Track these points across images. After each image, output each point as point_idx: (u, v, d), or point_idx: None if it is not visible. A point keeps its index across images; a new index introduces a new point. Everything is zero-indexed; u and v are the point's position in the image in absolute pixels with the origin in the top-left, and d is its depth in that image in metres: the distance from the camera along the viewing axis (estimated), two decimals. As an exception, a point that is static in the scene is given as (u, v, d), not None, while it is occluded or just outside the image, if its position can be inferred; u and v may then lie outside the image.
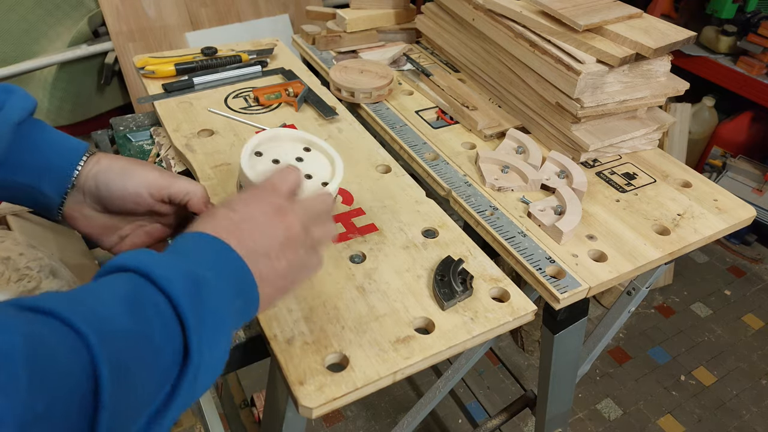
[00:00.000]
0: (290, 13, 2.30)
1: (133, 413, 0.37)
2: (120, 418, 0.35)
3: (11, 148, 0.57)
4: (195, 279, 0.42)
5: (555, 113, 0.89)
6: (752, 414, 1.75)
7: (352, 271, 0.65)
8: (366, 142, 0.88)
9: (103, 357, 0.34)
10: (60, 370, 0.32)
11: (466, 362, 0.95)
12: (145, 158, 0.88)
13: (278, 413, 0.65)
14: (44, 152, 0.59)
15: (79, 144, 0.61)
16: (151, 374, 0.38)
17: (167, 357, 0.39)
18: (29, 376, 0.30)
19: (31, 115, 0.60)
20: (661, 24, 0.90)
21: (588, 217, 0.79)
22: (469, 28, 1.04)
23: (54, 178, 0.59)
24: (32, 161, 0.58)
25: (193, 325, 0.40)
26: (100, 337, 0.35)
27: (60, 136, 0.61)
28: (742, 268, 2.27)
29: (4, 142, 0.56)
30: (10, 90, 0.57)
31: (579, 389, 1.78)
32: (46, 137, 0.60)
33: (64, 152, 0.60)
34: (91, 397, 0.33)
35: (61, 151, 0.60)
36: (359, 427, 1.65)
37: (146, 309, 0.39)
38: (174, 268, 0.42)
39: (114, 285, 0.40)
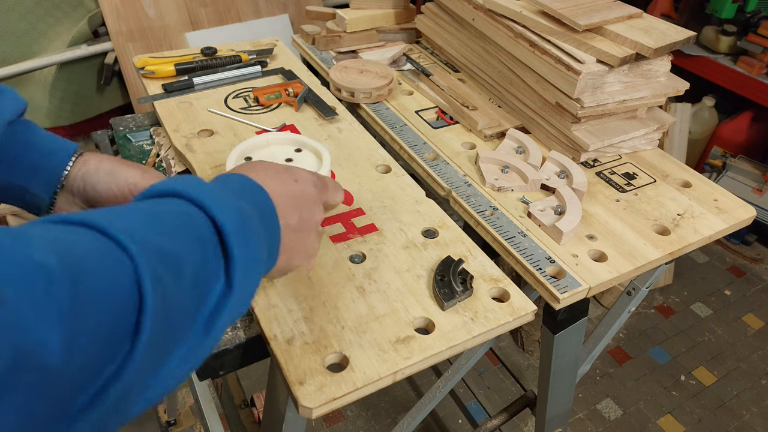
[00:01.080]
0: (290, 13, 2.30)
1: (172, 337, 0.36)
2: (160, 338, 0.34)
3: (2, 148, 0.57)
4: (243, 218, 0.43)
5: (555, 113, 0.89)
6: (752, 414, 1.75)
7: (352, 271, 0.65)
8: (366, 142, 0.88)
9: (146, 269, 0.33)
10: (102, 283, 0.31)
11: (466, 362, 0.95)
12: (145, 158, 0.88)
13: (278, 413, 0.65)
14: (34, 153, 0.60)
15: (67, 144, 0.62)
16: (191, 295, 0.38)
17: (208, 284, 0.40)
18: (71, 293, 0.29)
19: (22, 116, 0.60)
20: (661, 24, 0.90)
21: (588, 217, 0.79)
22: (469, 28, 1.04)
23: (44, 178, 0.60)
24: (23, 161, 0.59)
25: (240, 261, 0.41)
26: (142, 250, 0.34)
27: (49, 137, 0.61)
28: (742, 268, 2.27)
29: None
30: (1, 91, 0.58)
31: (579, 389, 1.78)
32: (36, 138, 0.60)
33: (53, 153, 0.61)
34: (137, 307, 0.33)
35: (50, 151, 0.61)
36: (359, 427, 1.65)
37: (191, 235, 0.39)
38: (228, 204, 0.43)
39: (160, 205, 0.41)
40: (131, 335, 0.32)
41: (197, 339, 0.39)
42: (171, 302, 0.35)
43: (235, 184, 0.48)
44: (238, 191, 0.47)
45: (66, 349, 0.28)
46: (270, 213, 0.49)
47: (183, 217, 0.40)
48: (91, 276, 0.31)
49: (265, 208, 0.48)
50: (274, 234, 0.49)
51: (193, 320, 0.38)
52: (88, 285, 0.30)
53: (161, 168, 0.86)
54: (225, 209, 0.42)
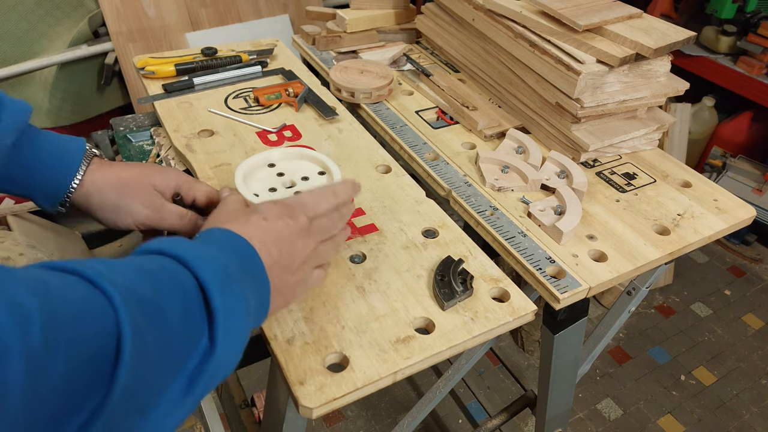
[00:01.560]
0: (290, 13, 2.30)
1: (151, 390, 0.36)
2: (138, 390, 0.34)
3: (7, 167, 0.58)
4: (227, 273, 0.44)
5: (555, 113, 0.89)
6: (752, 414, 1.75)
7: (352, 271, 0.65)
8: (366, 142, 0.88)
9: (127, 320, 0.34)
10: (80, 330, 0.32)
11: (466, 362, 0.95)
12: (146, 158, 0.88)
13: (278, 413, 0.65)
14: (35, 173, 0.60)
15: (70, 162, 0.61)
16: (172, 349, 0.38)
17: (190, 340, 0.40)
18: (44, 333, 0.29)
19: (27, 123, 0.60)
20: (661, 24, 0.90)
21: (588, 217, 0.79)
22: (469, 28, 1.04)
23: (47, 198, 0.61)
24: (25, 181, 0.60)
25: (221, 317, 0.41)
26: (125, 299, 0.34)
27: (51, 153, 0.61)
28: (742, 268, 2.27)
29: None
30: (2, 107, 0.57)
31: (579, 389, 1.78)
32: (39, 155, 0.60)
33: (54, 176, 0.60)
34: (113, 356, 0.33)
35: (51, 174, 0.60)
36: (359, 427, 1.65)
37: (175, 290, 0.40)
38: (211, 261, 0.43)
39: (146, 262, 0.41)
40: (106, 384, 0.32)
41: (180, 395, 0.38)
42: (151, 355, 0.36)
43: (217, 240, 0.48)
44: (221, 245, 0.47)
45: (28, 391, 0.28)
46: (253, 260, 0.48)
47: (168, 273, 0.41)
48: (69, 322, 0.31)
49: (248, 256, 0.48)
50: (261, 279, 0.49)
51: (175, 375, 0.38)
52: (64, 330, 0.31)
53: (161, 168, 0.86)
54: (207, 265, 0.42)
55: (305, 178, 0.69)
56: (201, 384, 0.40)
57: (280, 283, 0.51)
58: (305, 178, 0.69)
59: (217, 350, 0.41)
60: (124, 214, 0.62)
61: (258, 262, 0.49)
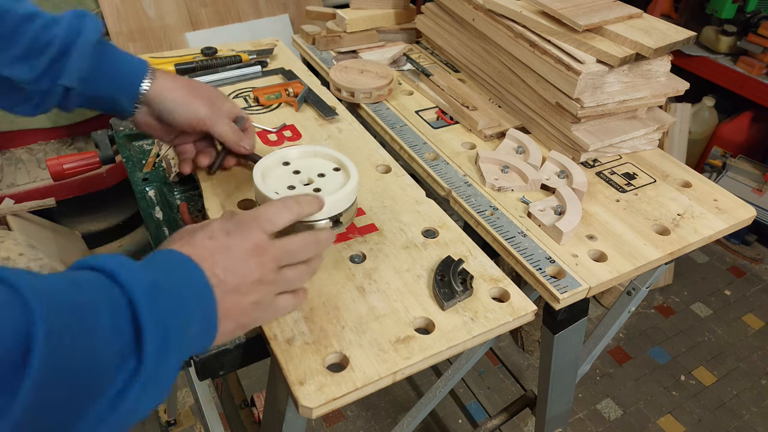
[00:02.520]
0: (290, 13, 2.30)
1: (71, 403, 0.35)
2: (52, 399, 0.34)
3: (93, 66, 0.65)
4: (156, 287, 0.42)
5: (555, 113, 0.89)
6: (752, 414, 1.75)
7: (352, 271, 0.65)
8: (366, 142, 0.88)
9: (41, 325, 0.33)
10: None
11: (466, 362, 0.95)
12: (146, 158, 0.88)
13: (278, 413, 0.65)
14: (118, 70, 0.68)
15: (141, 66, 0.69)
16: (95, 363, 0.37)
17: (117, 354, 0.38)
18: None
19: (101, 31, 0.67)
20: (661, 24, 0.90)
21: (588, 217, 0.79)
22: (469, 28, 1.04)
23: (125, 94, 0.68)
24: (109, 77, 0.67)
25: (149, 332, 0.39)
26: (44, 307, 0.34)
27: (126, 58, 0.69)
28: (742, 268, 2.27)
29: (88, 61, 0.64)
30: (84, 14, 0.65)
31: (579, 389, 1.78)
32: (118, 57, 0.68)
33: (132, 71, 0.69)
34: (21, 359, 0.32)
35: (129, 70, 0.69)
36: (359, 427, 1.65)
37: (102, 303, 0.39)
38: (141, 275, 0.41)
39: (78, 275, 0.41)
40: (12, 387, 0.32)
41: (106, 408, 0.37)
42: (70, 363, 0.35)
43: (157, 260, 0.46)
44: (158, 264, 0.46)
45: None
46: (194, 279, 0.46)
47: (96, 287, 0.40)
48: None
49: (187, 275, 0.46)
50: (203, 299, 0.46)
51: (100, 387, 0.37)
52: None
53: (161, 168, 0.86)
54: (135, 279, 0.41)
55: (321, 175, 0.69)
56: (130, 398, 0.38)
57: (227, 304, 0.48)
58: (321, 174, 0.69)
59: (146, 364, 0.39)
60: (189, 109, 0.69)
61: (200, 281, 0.46)
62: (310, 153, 0.72)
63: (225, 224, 0.51)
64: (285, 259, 0.53)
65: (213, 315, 0.47)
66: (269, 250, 0.51)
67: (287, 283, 0.54)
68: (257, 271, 0.50)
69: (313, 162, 0.71)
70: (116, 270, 0.41)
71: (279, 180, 0.68)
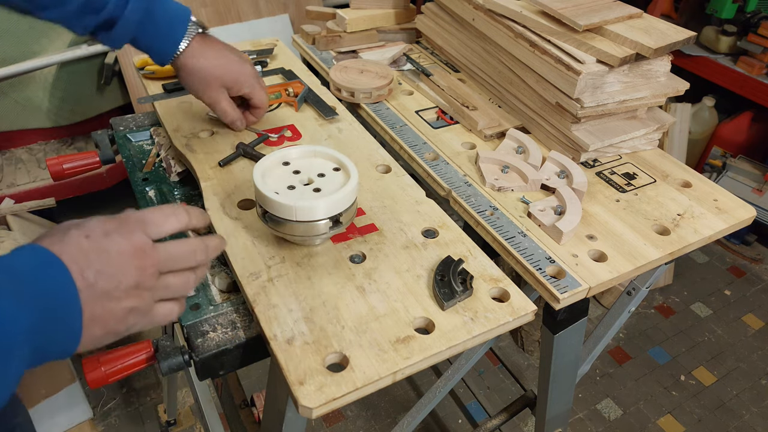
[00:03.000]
0: (290, 13, 2.30)
1: None
2: None
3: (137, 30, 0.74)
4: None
5: (555, 113, 0.89)
6: (752, 414, 1.75)
7: (352, 271, 0.65)
8: (366, 142, 0.88)
9: None
10: None
11: (466, 362, 0.95)
12: (146, 158, 0.88)
13: (278, 413, 0.65)
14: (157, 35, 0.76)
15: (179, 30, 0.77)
16: None
17: None
18: None
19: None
20: (661, 24, 0.90)
21: (588, 217, 0.79)
22: (469, 28, 1.04)
23: (158, 59, 0.78)
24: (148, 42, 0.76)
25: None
26: None
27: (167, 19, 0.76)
28: (742, 268, 2.27)
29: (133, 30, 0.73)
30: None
31: (579, 389, 1.78)
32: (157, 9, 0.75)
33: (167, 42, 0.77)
34: None
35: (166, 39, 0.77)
36: (359, 427, 1.65)
37: None
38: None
39: None
40: None
41: None
42: None
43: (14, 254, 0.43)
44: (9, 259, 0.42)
45: None
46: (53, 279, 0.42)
47: None
48: None
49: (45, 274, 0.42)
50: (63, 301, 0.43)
51: None
52: None
53: (161, 168, 0.86)
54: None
55: (321, 175, 0.69)
56: None
57: (97, 309, 0.44)
58: (321, 174, 0.69)
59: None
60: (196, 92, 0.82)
61: (64, 281, 0.43)
62: (310, 153, 0.72)
63: (105, 224, 0.47)
64: (168, 264, 0.49)
65: (76, 320, 0.43)
66: (150, 254, 0.48)
67: (169, 290, 0.50)
68: (135, 275, 0.46)
69: (313, 162, 0.71)
70: None
71: (279, 180, 0.68)
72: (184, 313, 0.62)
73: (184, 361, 0.59)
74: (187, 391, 1.69)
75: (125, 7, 0.71)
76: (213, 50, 0.80)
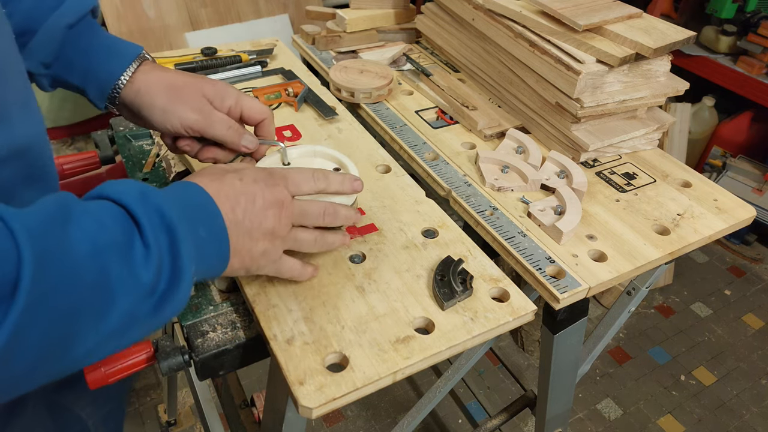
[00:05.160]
0: (290, 13, 2.30)
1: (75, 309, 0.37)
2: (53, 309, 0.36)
3: (63, 50, 0.61)
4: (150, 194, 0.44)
5: (555, 113, 0.89)
6: (752, 414, 1.75)
7: (352, 271, 0.65)
8: (366, 142, 0.88)
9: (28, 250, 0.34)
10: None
11: (466, 362, 0.95)
12: (145, 158, 0.88)
13: (278, 413, 0.65)
14: (90, 59, 0.62)
15: (123, 57, 0.62)
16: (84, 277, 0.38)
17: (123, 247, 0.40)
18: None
19: (87, 17, 0.62)
20: (661, 24, 0.90)
21: (588, 217, 0.79)
22: (469, 28, 1.04)
23: (96, 88, 0.63)
24: (80, 67, 0.62)
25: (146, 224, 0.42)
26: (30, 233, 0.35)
27: (107, 48, 0.63)
28: (742, 268, 2.27)
29: (55, 44, 0.60)
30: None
31: (579, 389, 1.78)
32: (95, 43, 0.63)
33: (106, 68, 0.62)
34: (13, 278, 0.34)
35: (104, 65, 0.62)
36: (359, 427, 1.65)
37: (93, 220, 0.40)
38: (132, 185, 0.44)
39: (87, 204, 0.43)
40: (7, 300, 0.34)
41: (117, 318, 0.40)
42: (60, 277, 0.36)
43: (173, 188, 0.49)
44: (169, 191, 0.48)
45: None
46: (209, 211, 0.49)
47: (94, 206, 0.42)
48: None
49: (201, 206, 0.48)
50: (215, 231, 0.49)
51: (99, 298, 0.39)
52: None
53: (161, 168, 0.86)
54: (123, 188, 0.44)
55: None
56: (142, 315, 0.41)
57: (238, 244, 0.51)
58: None
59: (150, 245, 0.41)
60: (173, 117, 0.62)
61: (215, 214, 0.49)
62: (310, 153, 0.72)
63: (257, 173, 0.54)
64: (300, 219, 0.56)
65: (224, 247, 0.49)
66: (288, 206, 0.54)
67: (297, 242, 0.57)
68: (272, 222, 0.52)
69: (313, 162, 0.71)
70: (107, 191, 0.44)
71: None
72: (183, 313, 0.62)
73: (184, 361, 0.59)
74: (187, 391, 1.69)
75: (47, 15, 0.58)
76: (172, 78, 0.64)
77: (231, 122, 0.65)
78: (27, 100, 0.52)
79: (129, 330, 0.42)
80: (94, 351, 0.41)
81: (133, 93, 0.62)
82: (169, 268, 0.43)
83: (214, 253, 0.49)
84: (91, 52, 0.62)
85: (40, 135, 0.55)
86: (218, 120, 0.64)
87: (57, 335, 0.37)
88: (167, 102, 0.62)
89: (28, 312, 0.34)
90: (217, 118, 0.64)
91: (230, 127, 0.65)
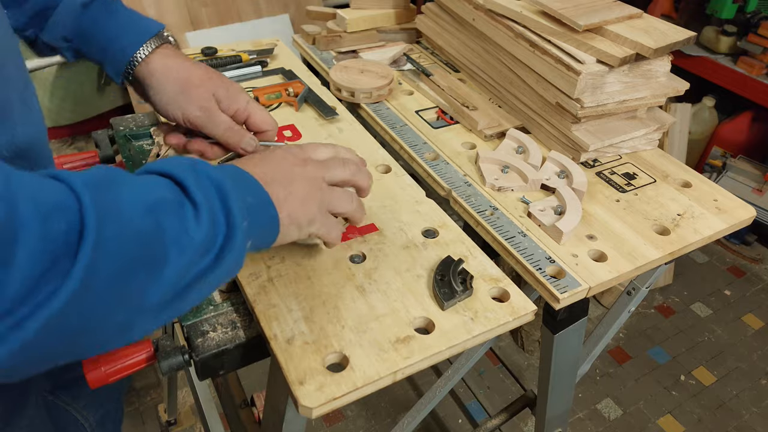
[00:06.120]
0: (290, 13, 2.30)
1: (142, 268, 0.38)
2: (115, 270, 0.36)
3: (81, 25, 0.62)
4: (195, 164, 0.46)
5: (555, 113, 0.89)
6: (752, 414, 1.75)
7: (352, 271, 0.65)
8: (366, 142, 0.88)
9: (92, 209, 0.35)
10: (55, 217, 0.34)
11: (466, 362, 0.95)
12: (145, 158, 0.88)
13: (278, 413, 0.65)
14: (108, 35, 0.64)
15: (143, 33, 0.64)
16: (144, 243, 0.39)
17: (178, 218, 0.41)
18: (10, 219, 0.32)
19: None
20: (661, 24, 0.90)
21: (588, 217, 0.79)
22: (470, 28, 1.04)
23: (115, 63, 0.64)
24: (96, 42, 0.64)
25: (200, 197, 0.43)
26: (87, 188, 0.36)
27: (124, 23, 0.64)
28: (742, 268, 2.27)
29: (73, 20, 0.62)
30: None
31: (579, 389, 1.78)
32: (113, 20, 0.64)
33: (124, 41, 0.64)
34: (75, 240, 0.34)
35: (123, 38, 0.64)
36: (359, 427, 1.65)
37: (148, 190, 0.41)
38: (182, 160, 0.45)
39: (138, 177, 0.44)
40: (71, 260, 0.34)
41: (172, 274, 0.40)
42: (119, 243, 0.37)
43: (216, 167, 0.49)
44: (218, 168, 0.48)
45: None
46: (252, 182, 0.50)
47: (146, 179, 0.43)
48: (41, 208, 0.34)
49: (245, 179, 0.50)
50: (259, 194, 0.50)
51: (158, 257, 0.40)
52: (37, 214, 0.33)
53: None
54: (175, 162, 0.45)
55: None
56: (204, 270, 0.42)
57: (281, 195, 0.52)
58: None
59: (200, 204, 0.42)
60: (176, 108, 0.65)
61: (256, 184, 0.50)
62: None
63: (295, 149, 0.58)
64: (324, 172, 0.57)
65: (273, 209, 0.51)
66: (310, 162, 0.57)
67: (334, 200, 0.57)
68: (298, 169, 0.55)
69: None
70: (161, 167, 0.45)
71: None
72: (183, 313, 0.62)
73: (184, 361, 0.59)
74: (187, 391, 1.69)
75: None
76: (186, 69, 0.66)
77: (232, 124, 0.67)
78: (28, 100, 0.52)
79: (191, 287, 0.42)
80: (163, 307, 0.41)
81: (147, 72, 0.64)
82: (224, 223, 0.44)
83: (265, 217, 0.50)
84: (108, 28, 0.63)
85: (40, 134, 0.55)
86: (219, 121, 0.66)
87: (122, 283, 0.37)
88: (177, 93, 0.64)
89: (97, 255, 0.35)
90: (219, 119, 0.66)
91: (230, 128, 0.67)
